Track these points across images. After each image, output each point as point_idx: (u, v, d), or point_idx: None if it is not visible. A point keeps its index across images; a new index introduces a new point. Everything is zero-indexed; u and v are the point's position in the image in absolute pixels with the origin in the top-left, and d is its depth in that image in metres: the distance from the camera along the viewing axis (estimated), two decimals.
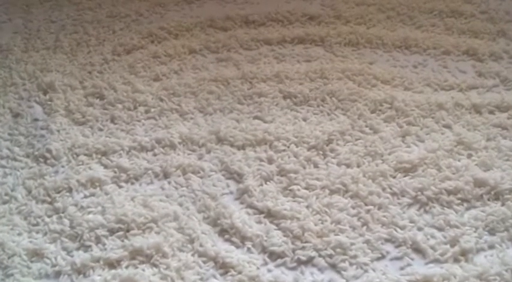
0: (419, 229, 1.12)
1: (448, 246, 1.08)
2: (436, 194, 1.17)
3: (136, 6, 1.74)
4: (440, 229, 1.11)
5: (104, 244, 1.13)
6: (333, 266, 1.06)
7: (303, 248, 1.09)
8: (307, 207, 1.16)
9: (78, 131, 1.37)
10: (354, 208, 1.16)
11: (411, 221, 1.13)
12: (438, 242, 1.09)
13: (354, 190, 1.18)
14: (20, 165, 1.30)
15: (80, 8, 1.77)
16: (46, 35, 1.68)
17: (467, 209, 1.15)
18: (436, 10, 1.65)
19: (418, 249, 1.08)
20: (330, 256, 1.08)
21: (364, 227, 1.12)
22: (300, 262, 1.08)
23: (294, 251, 1.09)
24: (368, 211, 1.15)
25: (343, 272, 1.05)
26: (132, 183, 1.25)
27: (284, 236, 1.11)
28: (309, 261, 1.08)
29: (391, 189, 1.18)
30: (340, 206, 1.16)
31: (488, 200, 1.16)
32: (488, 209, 1.14)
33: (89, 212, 1.19)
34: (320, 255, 1.08)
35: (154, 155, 1.30)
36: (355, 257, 1.07)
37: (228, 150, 1.29)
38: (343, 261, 1.07)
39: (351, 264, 1.06)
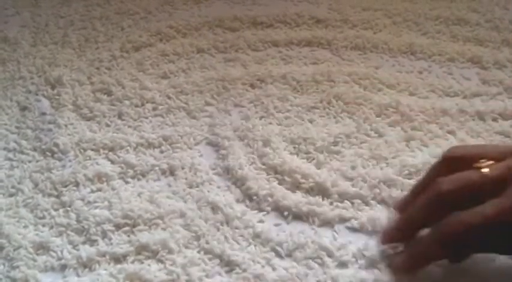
0: None
1: None
2: None
3: (145, 4, 1.76)
4: None
5: (110, 239, 1.13)
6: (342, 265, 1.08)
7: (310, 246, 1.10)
8: None
9: (86, 126, 1.38)
10: None
11: None
12: None
13: None
14: (27, 159, 1.31)
15: (89, 4, 1.78)
16: (54, 30, 1.69)
17: None
18: (441, 17, 1.66)
19: None
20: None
21: None
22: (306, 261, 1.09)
23: (300, 250, 1.10)
24: None
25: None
26: (139, 179, 1.26)
27: (290, 234, 1.13)
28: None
29: None
30: None
31: None
32: None
33: (96, 207, 1.19)
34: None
35: (161, 152, 1.31)
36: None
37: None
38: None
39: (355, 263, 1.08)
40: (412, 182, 1.20)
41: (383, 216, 1.16)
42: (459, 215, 0.88)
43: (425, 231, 0.98)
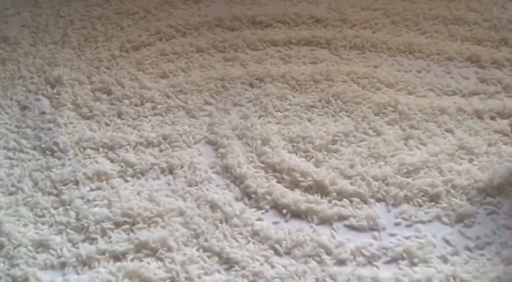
0: None
1: None
2: None
3: (145, 4, 1.76)
4: None
5: (110, 237, 1.14)
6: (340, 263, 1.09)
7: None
8: None
9: (85, 125, 1.39)
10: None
11: None
12: None
13: None
14: (27, 157, 1.32)
15: (88, 4, 1.78)
16: (54, 30, 1.70)
17: None
18: (440, 17, 1.66)
19: None
20: None
21: None
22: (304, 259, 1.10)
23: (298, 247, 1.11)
24: None
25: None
26: (138, 178, 1.26)
27: (289, 232, 1.13)
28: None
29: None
30: None
31: None
32: None
33: (95, 205, 1.20)
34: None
35: (161, 151, 1.31)
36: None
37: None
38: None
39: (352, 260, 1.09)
40: (411, 180, 1.22)
41: (381, 214, 1.17)
42: None
43: None
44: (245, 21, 1.67)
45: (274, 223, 1.16)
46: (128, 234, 1.15)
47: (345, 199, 1.19)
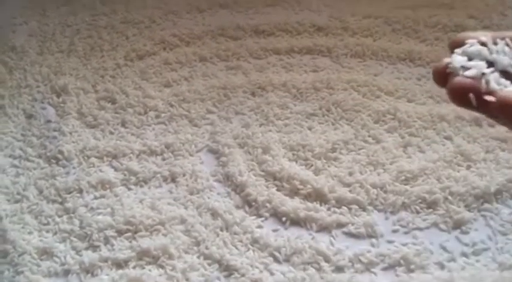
0: None
1: None
2: None
3: (150, 13, 1.77)
4: None
5: (113, 245, 1.17)
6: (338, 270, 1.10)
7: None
8: None
9: (90, 134, 1.41)
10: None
11: None
12: None
13: None
14: (32, 166, 1.34)
15: (95, 14, 1.80)
16: (61, 39, 1.71)
17: None
18: (440, 24, 1.66)
19: None
20: None
21: None
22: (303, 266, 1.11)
23: (297, 255, 1.13)
24: None
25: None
26: (141, 186, 1.28)
27: (288, 240, 1.15)
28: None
29: None
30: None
31: None
32: None
33: (99, 213, 1.22)
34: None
35: (163, 159, 1.33)
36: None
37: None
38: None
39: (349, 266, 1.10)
40: (409, 187, 1.23)
41: (379, 221, 1.18)
42: None
43: None
44: (248, 30, 1.68)
45: (274, 231, 1.18)
46: (130, 242, 1.17)
47: (343, 206, 1.20)
